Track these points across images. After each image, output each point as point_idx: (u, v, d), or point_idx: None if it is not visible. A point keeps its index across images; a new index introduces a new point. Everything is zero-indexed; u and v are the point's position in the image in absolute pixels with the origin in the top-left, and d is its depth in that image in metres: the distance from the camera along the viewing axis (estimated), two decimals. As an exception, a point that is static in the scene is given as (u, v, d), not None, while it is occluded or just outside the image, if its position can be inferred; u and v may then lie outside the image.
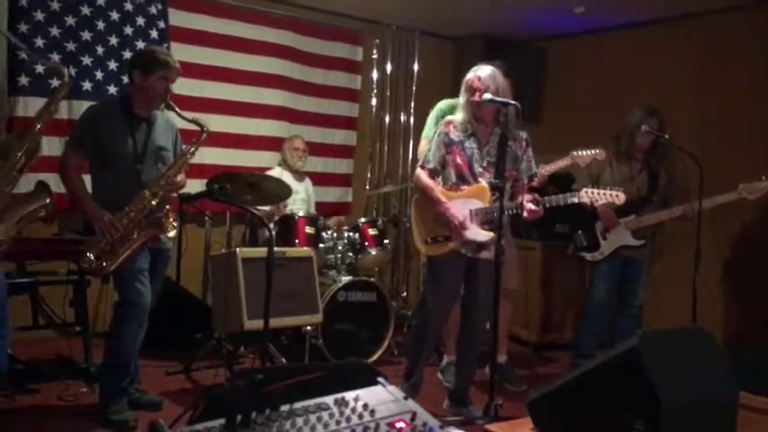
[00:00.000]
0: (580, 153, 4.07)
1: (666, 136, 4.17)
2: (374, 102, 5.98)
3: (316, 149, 5.59)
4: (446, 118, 3.61)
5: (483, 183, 3.46)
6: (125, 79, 4.32)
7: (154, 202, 3.28)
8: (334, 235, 4.72)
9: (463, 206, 3.45)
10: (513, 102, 3.42)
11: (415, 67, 6.05)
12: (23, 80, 4.38)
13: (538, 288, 5.27)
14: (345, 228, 4.80)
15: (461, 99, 3.53)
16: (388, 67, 5.95)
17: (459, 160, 3.48)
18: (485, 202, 3.43)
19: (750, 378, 2.16)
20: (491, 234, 3.41)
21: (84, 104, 4.22)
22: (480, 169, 3.48)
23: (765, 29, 4.80)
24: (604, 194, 3.41)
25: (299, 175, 5.20)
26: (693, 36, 5.19)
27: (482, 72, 3.45)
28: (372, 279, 4.67)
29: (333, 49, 5.84)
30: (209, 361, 4.22)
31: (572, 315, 5.26)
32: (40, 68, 4.37)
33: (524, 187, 3.54)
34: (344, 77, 5.93)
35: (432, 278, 3.68)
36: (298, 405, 1.51)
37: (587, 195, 3.39)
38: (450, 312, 3.74)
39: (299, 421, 1.45)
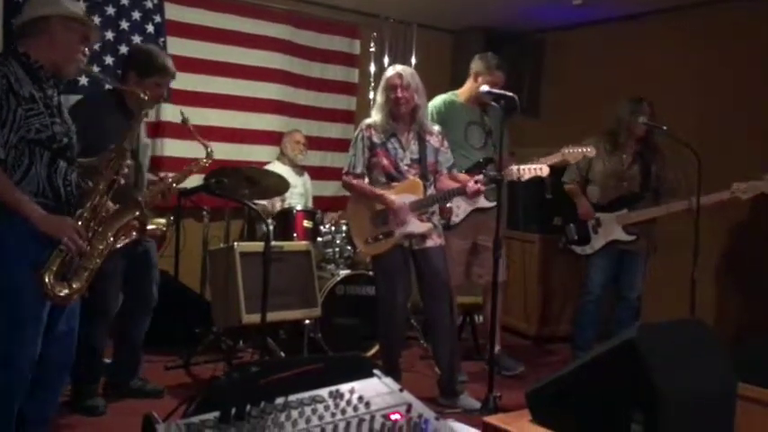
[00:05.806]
0: (570, 150, 3.93)
1: (665, 128, 4.15)
2: (372, 95, 5.96)
3: (313, 143, 5.58)
4: (365, 122, 3.73)
5: (412, 178, 3.60)
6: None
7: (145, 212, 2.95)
8: (333, 229, 4.72)
9: (398, 200, 3.57)
10: (509, 93, 3.58)
11: (413, 60, 6.01)
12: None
13: (536, 281, 5.27)
14: (343, 221, 4.79)
15: (379, 98, 3.65)
16: (386, 61, 5.92)
17: (384, 161, 3.62)
18: (418, 195, 3.59)
19: (749, 370, 2.16)
20: (429, 225, 3.62)
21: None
22: (406, 167, 3.63)
23: None
24: (530, 169, 3.61)
25: (299, 169, 5.21)
26: (693, 26, 5.15)
27: (402, 71, 3.58)
28: (371, 273, 4.67)
29: (330, 43, 5.82)
30: (208, 355, 4.22)
31: (571, 307, 5.26)
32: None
33: (445, 177, 3.71)
34: (342, 71, 5.91)
35: (381, 276, 3.77)
36: (293, 397, 1.51)
37: (516, 172, 3.60)
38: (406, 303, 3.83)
39: (294, 413, 1.46)
